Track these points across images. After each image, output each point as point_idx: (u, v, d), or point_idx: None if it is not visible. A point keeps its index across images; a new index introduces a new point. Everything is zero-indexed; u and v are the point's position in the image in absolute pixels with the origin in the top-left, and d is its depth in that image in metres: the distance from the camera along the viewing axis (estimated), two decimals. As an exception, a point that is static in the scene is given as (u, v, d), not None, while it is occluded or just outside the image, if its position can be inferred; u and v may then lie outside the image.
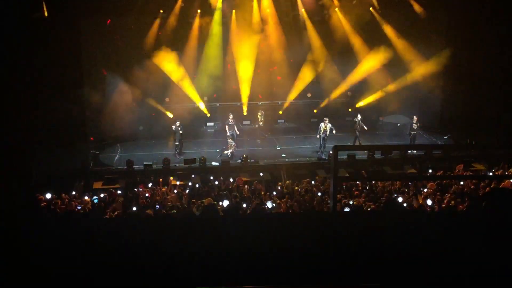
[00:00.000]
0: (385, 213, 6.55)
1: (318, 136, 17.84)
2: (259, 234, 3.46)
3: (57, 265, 3.16)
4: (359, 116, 18.57)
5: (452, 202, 9.97)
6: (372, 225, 3.69)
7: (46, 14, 16.52)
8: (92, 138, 18.82)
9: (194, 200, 10.88)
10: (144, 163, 16.48)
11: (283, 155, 17.91)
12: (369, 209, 9.63)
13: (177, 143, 17.94)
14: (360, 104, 22.03)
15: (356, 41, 21.77)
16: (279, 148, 18.60)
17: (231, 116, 18.35)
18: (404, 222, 3.81)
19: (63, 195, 12.01)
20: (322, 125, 17.82)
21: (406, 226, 3.68)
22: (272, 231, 3.52)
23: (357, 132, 18.39)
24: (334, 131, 17.70)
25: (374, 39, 21.13)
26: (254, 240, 3.37)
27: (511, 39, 18.01)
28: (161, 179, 14.20)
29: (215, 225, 3.70)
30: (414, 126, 18.13)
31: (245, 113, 21.69)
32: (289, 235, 3.47)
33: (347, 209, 9.21)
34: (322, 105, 22.30)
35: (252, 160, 16.93)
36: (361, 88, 22.21)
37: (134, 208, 10.41)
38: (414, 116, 18.34)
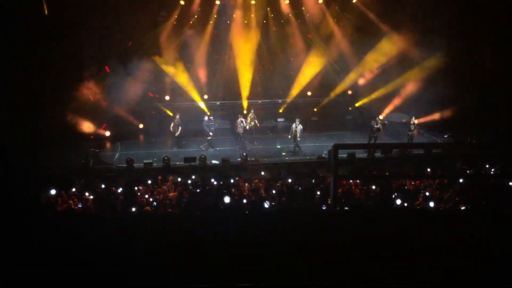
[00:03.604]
0: (384, 211, 6.56)
1: (289, 136, 17.82)
2: (259, 232, 3.46)
3: (58, 262, 3.17)
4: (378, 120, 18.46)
5: (452, 202, 9.98)
6: (372, 224, 3.70)
7: (46, 12, 16.54)
8: (92, 137, 18.83)
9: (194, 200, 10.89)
10: (144, 161, 16.48)
11: (283, 153, 17.91)
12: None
13: (209, 138, 18.08)
14: (360, 103, 22.09)
15: (356, 41, 21.83)
16: (279, 147, 18.59)
17: (177, 116, 18.30)
18: (403, 221, 3.82)
19: (63, 193, 12.01)
20: (293, 126, 17.77)
21: (406, 225, 3.69)
22: (272, 230, 3.52)
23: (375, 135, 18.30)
24: (299, 135, 17.65)
25: (374, 39, 21.18)
26: (254, 239, 3.38)
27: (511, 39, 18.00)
28: (160, 177, 14.24)
29: (215, 224, 3.71)
30: (412, 127, 18.11)
31: (245, 111, 21.70)
32: (289, 234, 3.47)
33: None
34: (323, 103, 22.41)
35: (252, 159, 16.92)
36: (361, 87, 22.28)
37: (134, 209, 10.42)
38: (413, 117, 18.32)
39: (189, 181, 14.24)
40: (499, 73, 18.61)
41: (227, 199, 9.82)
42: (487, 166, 14.37)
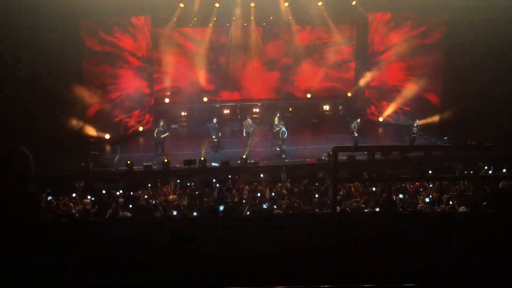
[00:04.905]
0: (384, 213, 6.56)
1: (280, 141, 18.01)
2: (259, 235, 3.46)
3: (57, 266, 3.17)
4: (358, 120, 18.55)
5: (452, 202, 9.98)
6: (372, 225, 3.70)
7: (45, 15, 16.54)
8: (92, 139, 18.82)
9: (194, 201, 10.89)
10: (144, 164, 16.49)
11: (283, 155, 17.92)
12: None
13: (215, 140, 18.07)
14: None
15: (357, 42, 21.93)
16: (279, 149, 18.59)
17: (161, 123, 18.05)
18: (403, 222, 3.82)
19: (62, 196, 12.03)
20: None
21: (406, 226, 3.69)
22: (271, 232, 3.52)
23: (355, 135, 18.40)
24: (285, 136, 17.76)
25: (374, 39, 21.24)
26: (253, 241, 3.38)
27: (511, 39, 18.02)
28: (158, 180, 14.28)
29: (215, 226, 3.71)
30: (414, 129, 18.09)
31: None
32: (288, 236, 3.47)
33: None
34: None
35: (252, 161, 16.93)
36: (361, 88, 22.34)
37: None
38: (417, 120, 18.35)
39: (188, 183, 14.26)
40: (498, 74, 18.62)
41: (221, 208, 9.78)
42: (486, 168, 14.38)
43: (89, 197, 12.45)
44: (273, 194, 12.37)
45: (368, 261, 3.28)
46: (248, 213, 9.78)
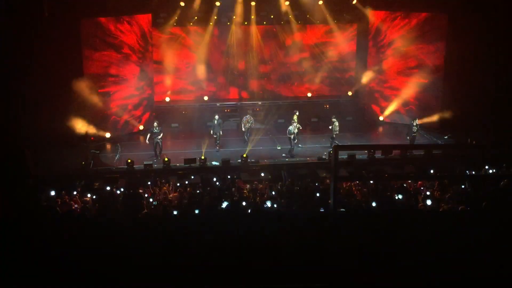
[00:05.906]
0: (384, 213, 6.57)
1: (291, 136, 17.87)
2: (259, 234, 3.47)
3: (57, 263, 3.17)
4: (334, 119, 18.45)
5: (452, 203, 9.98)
6: (372, 225, 3.70)
7: (46, 13, 16.55)
8: (92, 138, 18.80)
9: (194, 200, 10.90)
10: (145, 162, 16.49)
11: (283, 154, 17.92)
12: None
13: (215, 136, 18.10)
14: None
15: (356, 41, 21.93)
16: (279, 148, 18.60)
17: (155, 124, 17.69)
18: (404, 222, 3.82)
19: (63, 194, 12.03)
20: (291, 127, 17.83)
21: (406, 226, 3.69)
22: (272, 231, 3.52)
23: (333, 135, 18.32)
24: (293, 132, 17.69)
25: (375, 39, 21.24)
26: (253, 240, 3.38)
27: (511, 39, 18.01)
28: (158, 179, 14.29)
29: (215, 225, 3.71)
30: (414, 129, 18.05)
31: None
32: (289, 235, 3.48)
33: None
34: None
35: (253, 160, 16.93)
36: (362, 88, 22.32)
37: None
38: (416, 119, 18.32)
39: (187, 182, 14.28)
40: (499, 74, 18.61)
41: (225, 204, 9.80)
42: (487, 167, 14.37)
43: (89, 195, 12.47)
44: (273, 193, 12.38)
45: (368, 260, 3.28)
46: (248, 211, 9.78)
